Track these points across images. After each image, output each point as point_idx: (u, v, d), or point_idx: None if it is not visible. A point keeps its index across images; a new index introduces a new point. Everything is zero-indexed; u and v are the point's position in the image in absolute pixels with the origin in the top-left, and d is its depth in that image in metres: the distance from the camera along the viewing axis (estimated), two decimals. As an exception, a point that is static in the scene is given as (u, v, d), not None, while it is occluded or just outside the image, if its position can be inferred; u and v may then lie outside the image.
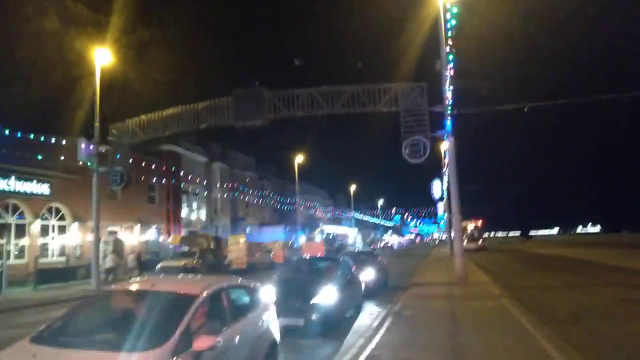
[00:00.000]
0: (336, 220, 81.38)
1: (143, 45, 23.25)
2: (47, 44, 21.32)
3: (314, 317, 8.70)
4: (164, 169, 36.69)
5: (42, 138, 23.21)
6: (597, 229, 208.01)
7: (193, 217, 41.76)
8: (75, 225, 28.19)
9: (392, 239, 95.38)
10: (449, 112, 15.95)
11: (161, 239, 31.11)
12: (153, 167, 34.85)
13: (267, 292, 9.32)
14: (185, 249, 23.94)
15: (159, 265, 21.70)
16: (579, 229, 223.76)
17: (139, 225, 33.44)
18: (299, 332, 8.53)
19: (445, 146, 40.41)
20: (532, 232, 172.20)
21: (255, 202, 54.75)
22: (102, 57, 20.56)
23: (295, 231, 51.82)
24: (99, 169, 20.68)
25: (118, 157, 20.72)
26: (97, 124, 20.62)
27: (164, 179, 36.86)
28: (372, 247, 78.05)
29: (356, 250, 37.85)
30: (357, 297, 11.31)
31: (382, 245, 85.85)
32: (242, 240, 34.70)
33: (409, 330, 8.64)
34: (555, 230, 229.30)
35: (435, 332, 8.41)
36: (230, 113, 18.69)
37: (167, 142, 38.23)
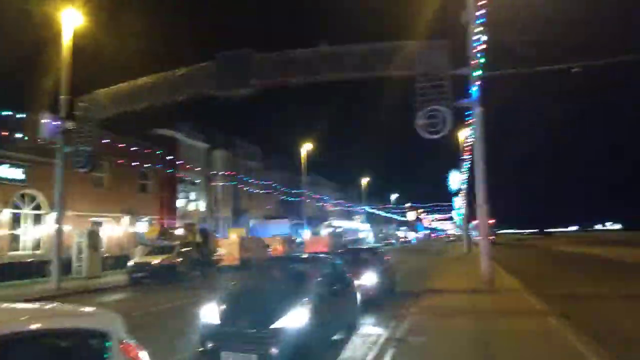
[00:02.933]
0: (347, 215, 78.20)
1: (116, 6, 20.32)
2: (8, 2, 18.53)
3: (273, 350, 5.65)
4: (158, 155, 33.98)
5: (18, 115, 20.56)
6: (617, 226, 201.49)
7: (190, 208, 38.99)
8: (53, 215, 25.57)
9: (410, 235, 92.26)
10: (477, 74, 12.69)
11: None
12: (146, 152, 32.25)
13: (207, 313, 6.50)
14: (167, 242, 21.02)
15: (130, 262, 18.86)
16: (598, 227, 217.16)
17: (128, 216, 30.72)
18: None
19: (464, 133, 36.91)
20: (549, 230, 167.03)
21: (260, 193, 51.88)
22: (71, 18, 17.75)
23: (301, 225, 48.93)
24: (64, 148, 17.89)
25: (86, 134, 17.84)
26: (63, 96, 17.82)
27: (158, 166, 34.15)
28: (384, 242, 74.82)
29: (358, 246, 34.70)
30: (350, 313, 8.21)
31: (400, 241, 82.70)
32: (237, 234, 31.89)
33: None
34: (573, 228, 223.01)
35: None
36: (212, 81, 15.67)
37: (162, 126, 35.67)
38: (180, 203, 37.39)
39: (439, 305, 10.57)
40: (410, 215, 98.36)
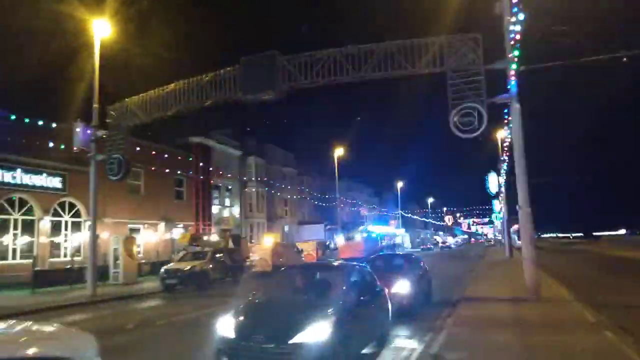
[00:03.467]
0: (383, 219, 77.03)
1: (143, 16, 20.50)
2: (40, 13, 19.04)
3: (292, 368, 5.17)
4: (192, 162, 34.39)
5: (54, 125, 21.10)
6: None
7: (225, 214, 39.21)
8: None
9: (449, 240, 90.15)
10: (513, 67, 11.85)
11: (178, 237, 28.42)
12: (180, 160, 32.65)
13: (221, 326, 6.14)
14: (199, 248, 20.98)
15: (163, 269, 18.86)
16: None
17: (163, 223, 31.12)
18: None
19: (502, 133, 35.41)
20: (596, 233, 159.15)
21: (294, 199, 51.77)
22: (101, 29, 18.07)
23: (336, 230, 48.37)
24: (97, 156, 18.13)
25: (118, 142, 18.03)
26: (95, 105, 18.12)
27: (193, 174, 34.54)
28: (421, 247, 73.18)
29: (393, 252, 33.75)
30: (381, 325, 7.61)
31: (440, 245, 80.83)
32: (271, 239, 31.69)
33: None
34: (620, 232, 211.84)
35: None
36: (238, 85, 15.47)
37: (196, 134, 36.11)
38: (215, 209, 37.67)
39: (478, 316, 9.78)
40: (448, 220, 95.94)
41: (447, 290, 14.86)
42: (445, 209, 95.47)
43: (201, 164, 35.26)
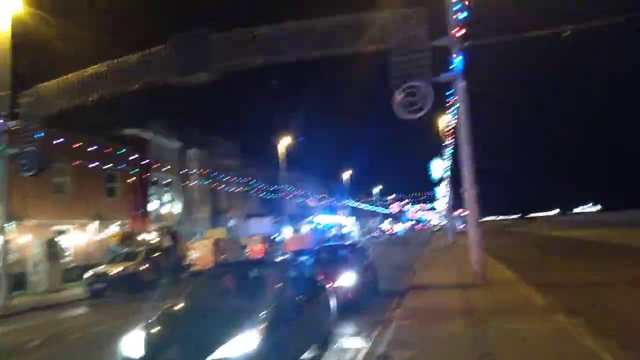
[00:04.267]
0: (331, 210, 76.89)
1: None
2: None
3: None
4: (127, 156, 32.05)
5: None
6: (596, 208, 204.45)
7: (165, 210, 37.14)
8: (13, 225, 23.61)
9: (396, 227, 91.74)
10: (459, 44, 11.38)
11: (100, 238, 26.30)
12: (113, 154, 30.32)
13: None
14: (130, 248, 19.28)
15: (87, 274, 17.16)
16: (579, 209, 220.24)
17: (96, 222, 28.79)
18: None
19: (445, 119, 35.79)
20: (531, 215, 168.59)
21: (239, 192, 50.16)
22: (12, 3, 15.95)
23: (283, 223, 47.43)
24: (6, 150, 16.09)
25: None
26: (6, 92, 16.00)
27: (127, 168, 32.21)
28: (369, 236, 73.87)
29: (337, 242, 33.37)
30: (322, 325, 6.83)
31: (388, 233, 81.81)
32: (215, 235, 30.35)
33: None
34: (553, 212, 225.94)
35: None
36: (168, 66, 14.09)
37: (132, 126, 33.78)
38: (153, 206, 35.52)
39: (427, 306, 9.24)
40: (394, 207, 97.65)
41: (394, 279, 14.40)
42: (391, 197, 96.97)
43: (137, 157, 33.01)
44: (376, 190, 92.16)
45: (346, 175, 70.08)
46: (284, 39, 12.97)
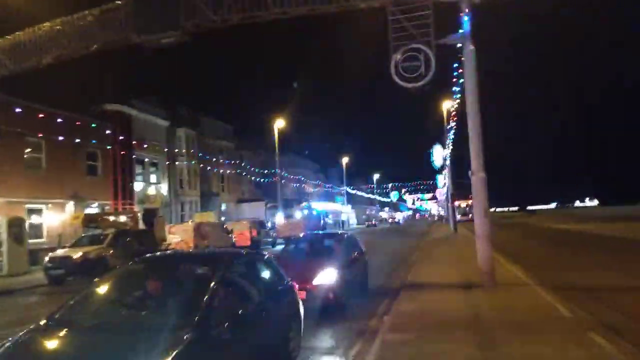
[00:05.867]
0: (329, 196, 75.13)
1: None
2: None
3: None
4: (108, 133, 30.13)
5: None
6: (594, 203, 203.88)
7: (151, 191, 35.36)
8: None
9: (397, 215, 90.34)
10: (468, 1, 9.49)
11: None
12: (94, 130, 28.41)
13: None
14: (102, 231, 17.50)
15: (47, 257, 15.43)
16: (577, 204, 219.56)
17: (72, 202, 27.00)
18: None
19: (446, 104, 33.77)
20: (530, 207, 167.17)
21: (232, 175, 48.34)
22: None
23: (277, 208, 45.70)
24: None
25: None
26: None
27: (109, 145, 30.32)
28: (366, 224, 72.23)
29: (335, 230, 31.72)
30: (283, 340, 5.07)
31: (389, 221, 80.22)
32: (202, 218, 28.62)
33: None
34: (552, 205, 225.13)
35: None
36: (131, 24, 12.17)
37: (113, 101, 31.79)
38: (138, 186, 33.72)
39: (424, 312, 7.50)
40: (393, 196, 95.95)
41: (388, 275, 12.71)
42: (390, 185, 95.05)
43: (119, 134, 31.10)
44: (375, 177, 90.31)
45: (344, 160, 68.13)
46: (265, -8, 11.04)
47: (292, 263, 8.48)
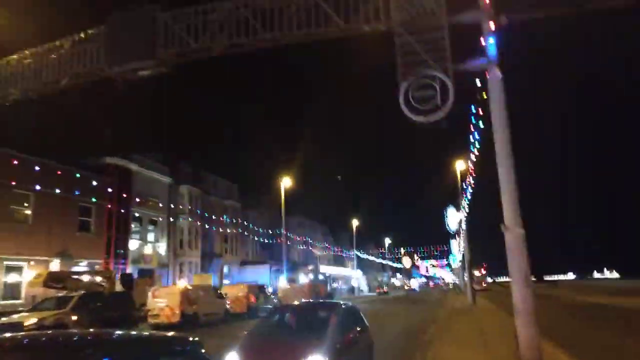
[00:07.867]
0: (339, 260, 71.84)
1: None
2: None
3: None
4: (105, 187, 28.64)
5: None
6: (614, 274, 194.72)
7: (147, 251, 33.18)
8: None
9: (413, 283, 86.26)
10: (492, 20, 7.82)
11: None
12: (88, 184, 26.95)
13: None
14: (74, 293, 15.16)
15: (-1, 322, 13.16)
16: (595, 275, 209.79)
17: (58, 260, 24.90)
18: None
19: (460, 165, 31.62)
20: (551, 278, 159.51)
21: (236, 235, 46.11)
22: None
23: (281, 271, 42.96)
24: None
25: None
26: None
27: (107, 201, 28.70)
28: (378, 292, 68.06)
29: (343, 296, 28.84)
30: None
31: (405, 288, 76.26)
32: (202, 281, 26.21)
33: None
34: (569, 276, 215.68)
35: None
36: (104, 54, 10.77)
37: (113, 155, 30.60)
38: (133, 245, 31.64)
39: None
40: (406, 262, 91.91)
41: (400, 358, 10.11)
42: (403, 250, 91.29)
43: (119, 190, 29.62)
44: (386, 242, 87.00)
45: (354, 224, 65.52)
46: (252, 19, 9.57)
47: (263, 346, 6.21)
